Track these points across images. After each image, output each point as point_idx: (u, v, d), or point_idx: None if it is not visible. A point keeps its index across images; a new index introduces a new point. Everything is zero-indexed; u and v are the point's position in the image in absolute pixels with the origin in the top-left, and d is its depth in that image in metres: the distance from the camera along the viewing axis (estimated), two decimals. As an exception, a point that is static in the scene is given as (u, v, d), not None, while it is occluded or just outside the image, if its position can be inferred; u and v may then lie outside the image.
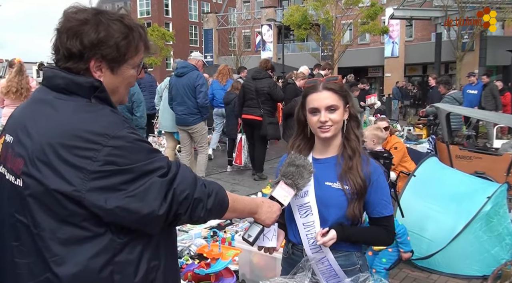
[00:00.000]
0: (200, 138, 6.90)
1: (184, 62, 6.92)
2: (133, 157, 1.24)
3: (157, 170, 1.27)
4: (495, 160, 6.13)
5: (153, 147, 1.33)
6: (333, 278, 1.92)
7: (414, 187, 4.53)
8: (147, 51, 1.44)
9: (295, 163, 1.77)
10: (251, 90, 7.32)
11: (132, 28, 1.36)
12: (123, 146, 1.24)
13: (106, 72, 1.35)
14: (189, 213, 1.31)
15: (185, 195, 1.29)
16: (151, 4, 45.97)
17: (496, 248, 4.06)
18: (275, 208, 1.67)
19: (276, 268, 3.38)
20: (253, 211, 1.61)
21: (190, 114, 6.60)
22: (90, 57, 1.31)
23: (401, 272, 4.20)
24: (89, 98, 1.30)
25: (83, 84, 1.30)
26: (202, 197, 1.33)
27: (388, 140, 5.71)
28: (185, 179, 1.31)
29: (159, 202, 1.25)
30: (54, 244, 1.24)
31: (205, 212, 1.34)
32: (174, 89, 6.60)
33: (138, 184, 1.23)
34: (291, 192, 1.74)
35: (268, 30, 35.34)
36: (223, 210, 1.43)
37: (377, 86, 33.68)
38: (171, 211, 1.28)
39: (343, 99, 1.90)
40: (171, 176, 1.29)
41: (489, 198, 4.11)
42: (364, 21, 25.75)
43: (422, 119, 12.67)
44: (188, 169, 1.37)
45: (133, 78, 1.43)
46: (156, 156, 1.31)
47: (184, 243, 4.43)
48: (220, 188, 1.42)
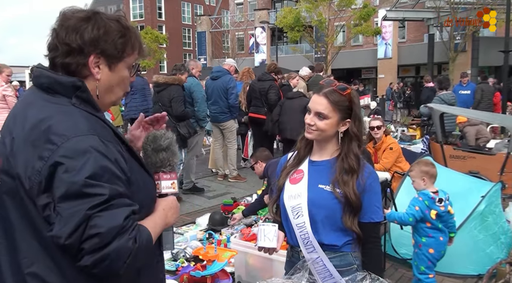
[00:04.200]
0: (229, 134, 7.66)
1: (219, 67, 7.95)
2: (77, 169, 1.17)
3: (92, 196, 1.17)
4: (489, 159, 6.17)
5: (113, 170, 1.22)
6: (328, 278, 1.93)
7: (409, 187, 4.54)
8: (142, 54, 1.47)
9: (162, 146, 1.55)
10: (255, 90, 7.89)
11: (129, 28, 1.41)
12: (74, 150, 1.19)
13: (104, 69, 1.37)
14: (96, 259, 1.16)
15: (98, 237, 1.15)
16: (144, 7, 45.88)
17: (491, 247, 4.08)
18: (174, 204, 1.52)
19: (272, 269, 3.37)
20: (164, 225, 1.46)
21: (221, 113, 7.43)
22: (90, 52, 1.33)
23: (397, 272, 4.21)
24: (71, 98, 1.31)
25: (65, 83, 1.31)
26: (120, 253, 1.18)
27: (383, 140, 5.74)
28: (112, 223, 1.17)
29: (70, 232, 1.15)
30: (24, 245, 1.25)
31: (126, 267, 1.20)
32: (209, 90, 7.39)
33: (67, 204, 1.16)
34: (174, 174, 1.57)
35: (262, 32, 35.37)
36: (149, 254, 1.37)
37: (370, 87, 33.78)
38: (75, 245, 1.16)
39: (339, 112, 1.89)
40: (98, 210, 1.16)
41: (483, 197, 4.13)
42: (357, 22, 25.87)
43: (415, 120, 12.74)
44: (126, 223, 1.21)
45: (127, 79, 1.46)
46: (104, 181, 1.19)
47: (179, 246, 4.42)
48: (147, 238, 1.29)
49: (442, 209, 3.30)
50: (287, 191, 1.98)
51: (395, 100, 20.30)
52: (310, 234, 1.89)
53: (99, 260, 1.16)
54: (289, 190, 1.98)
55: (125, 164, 1.29)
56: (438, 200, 3.30)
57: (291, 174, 2.02)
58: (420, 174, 3.44)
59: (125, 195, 1.24)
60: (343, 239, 1.90)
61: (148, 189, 1.42)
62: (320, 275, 1.92)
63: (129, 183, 1.30)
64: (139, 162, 1.43)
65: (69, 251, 1.17)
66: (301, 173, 1.98)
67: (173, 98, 6.15)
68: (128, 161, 1.33)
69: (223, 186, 7.53)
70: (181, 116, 6.23)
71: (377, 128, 5.73)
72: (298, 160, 2.04)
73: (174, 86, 6.20)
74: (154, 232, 1.35)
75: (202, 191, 7.02)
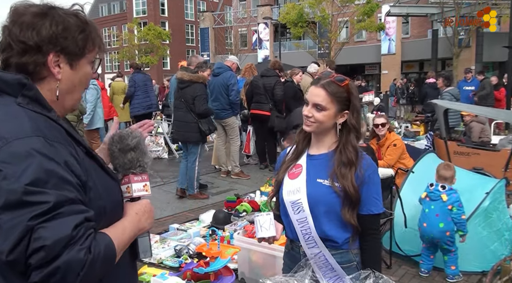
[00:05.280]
0: (231, 131, 7.70)
1: (220, 63, 7.87)
2: (17, 175, 1.06)
3: (35, 205, 1.05)
4: (493, 156, 6.14)
5: (60, 174, 1.11)
6: (330, 272, 1.92)
7: (413, 183, 4.54)
8: (102, 49, 1.38)
9: (129, 146, 1.44)
10: (259, 86, 7.90)
11: (88, 22, 1.32)
12: (14, 154, 1.08)
13: (65, 67, 1.27)
14: (45, 274, 1.05)
15: (44, 251, 1.04)
16: (147, 3, 45.90)
17: (496, 244, 4.06)
18: (148, 208, 1.42)
19: (276, 266, 3.37)
20: (137, 230, 1.36)
21: (223, 109, 7.41)
22: (49, 50, 1.23)
23: (400, 269, 4.20)
24: (17, 97, 1.21)
25: (9, 81, 1.20)
26: (72, 265, 1.07)
27: (387, 137, 5.72)
28: (58, 233, 1.06)
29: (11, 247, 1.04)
30: None
31: (81, 280, 1.09)
32: (210, 87, 7.21)
33: (7, 216, 1.05)
34: (145, 176, 1.47)
35: (265, 29, 35.31)
36: (112, 263, 1.21)
37: (374, 83, 33.71)
38: (20, 260, 1.06)
39: (338, 103, 1.87)
40: (42, 220, 1.05)
41: (487, 194, 4.11)
42: (360, 18, 25.78)
43: (419, 116, 12.70)
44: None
45: (89, 75, 1.36)
46: (49, 187, 1.08)
47: (183, 242, 4.42)
48: (106, 246, 1.17)
49: (430, 189, 3.95)
50: (286, 186, 1.97)
51: (398, 96, 20.24)
52: (312, 229, 1.88)
53: (48, 275, 1.05)
54: (288, 185, 1.97)
55: (78, 167, 1.17)
56: (430, 184, 3.97)
57: (290, 169, 2.01)
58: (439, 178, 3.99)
59: (77, 201, 1.12)
60: (343, 235, 1.89)
61: (111, 194, 1.31)
62: (322, 270, 1.92)
63: (85, 188, 1.18)
64: (100, 166, 1.32)
65: (16, 267, 1.07)
66: (300, 167, 1.97)
67: (196, 96, 6.24)
68: (83, 164, 1.21)
69: (226, 182, 7.53)
70: (204, 114, 6.32)
71: (382, 126, 5.71)
72: (296, 154, 2.03)
73: (198, 84, 6.30)
74: (120, 239, 1.24)
75: (205, 187, 7.04)
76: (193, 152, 6.40)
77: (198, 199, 6.44)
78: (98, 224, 1.19)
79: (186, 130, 6.32)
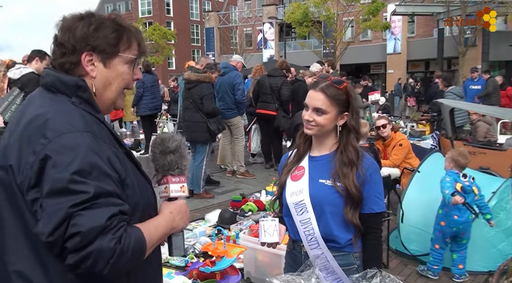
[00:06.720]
0: (236, 131, 7.70)
1: (225, 62, 7.91)
2: (65, 164, 1.16)
3: (76, 193, 1.15)
4: (500, 155, 6.10)
5: (102, 167, 1.20)
6: (331, 274, 1.94)
7: (419, 183, 4.53)
8: (142, 50, 1.45)
9: (169, 148, 1.52)
10: (266, 86, 7.91)
11: (123, 25, 1.40)
12: (66, 145, 1.18)
13: (99, 66, 1.36)
14: (79, 258, 1.14)
15: (79, 236, 1.13)
16: (153, 4, 45.99)
17: (503, 243, 4.05)
18: (183, 208, 1.50)
19: (281, 265, 3.37)
20: (170, 228, 1.44)
21: (228, 109, 7.40)
22: (82, 50, 1.33)
23: (406, 269, 4.19)
24: (72, 97, 1.32)
25: (68, 82, 1.32)
26: (103, 252, 1.15)
27: (392, 137, 5.71)
28: (93, 222, 1.14)
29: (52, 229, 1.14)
30: (12, 242, 1.26)
31: (110, 268, 1.16)
32: (216, 86, 7.15)
33: (51, 200, 1.15)
34: (183, 178, 1.54)
35: (270, 28, 35.27)
36: (141, 257, 1.27)
37: (379, 82, 33.58)
38: (58, 243, 1.15)
39: (337, 106, 1.90)
40: (81, 208, 1.14)
41: (494, 193, 4.10)
42: (365, 17, 25.68)
43: (425, 115, 12.64)
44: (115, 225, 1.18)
45: (128, 75, 1.43)
46: (91, 178, 1.17)
47: (189, 241, 4.44)
48: (137, 239, 1.24)
49: (466, 183, 3.82)
50: (289, 188, 1.99)
51: (413, 94, 20.17)
52: (315, 230, 1.90)
53: (81, 260, 1.14)
54: (291, 187, 1.99)
55: (119, 165, 1.27)
56: (462, 175, 3.88)
57: (292, 171, 2.03)
58: (450, 159, 4.01)
59: (114, 194, 1.21)
60: (346, 236, 1.90)
61: (144, 194, 1.40)
62: (323, 272, 1.93)
63: (123, 184, 1.28)
64: (137, 167, 1.42)
65: (53, 249, 1.17)
66: (302, 169, 1.99)
67: (204, 96, 6.27)
68: (123, 163, 1.31)
69: (232, 182, 7.55)
70: (212, 113, 6.36)
71: (383, 127, 5.70)
72: (298, 156, 2.05)
73: (205, 84, 6.33)
74: (152, 235, 1.31)
75: (217, 184, 7.21)
76: (201, 152, 6.43)
77: (204, 198, 6.47)
78: (132, 220, 1.27)
79: (194, 130, 6.34)
